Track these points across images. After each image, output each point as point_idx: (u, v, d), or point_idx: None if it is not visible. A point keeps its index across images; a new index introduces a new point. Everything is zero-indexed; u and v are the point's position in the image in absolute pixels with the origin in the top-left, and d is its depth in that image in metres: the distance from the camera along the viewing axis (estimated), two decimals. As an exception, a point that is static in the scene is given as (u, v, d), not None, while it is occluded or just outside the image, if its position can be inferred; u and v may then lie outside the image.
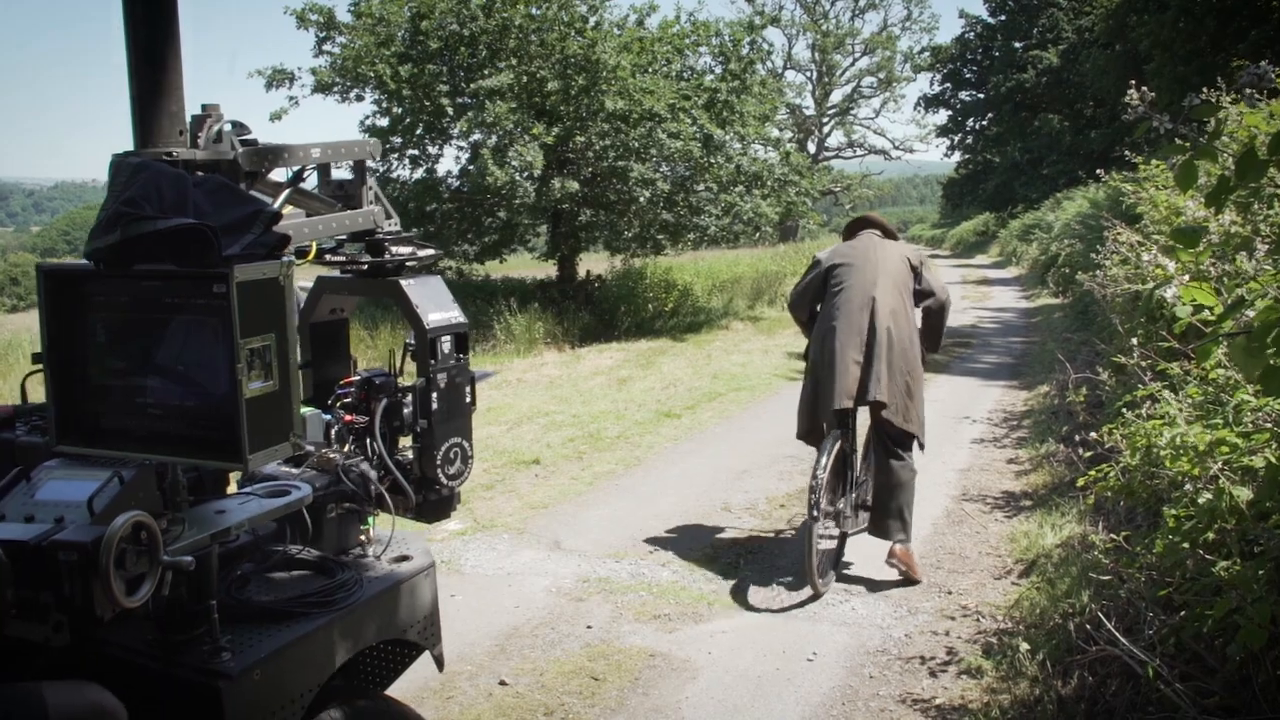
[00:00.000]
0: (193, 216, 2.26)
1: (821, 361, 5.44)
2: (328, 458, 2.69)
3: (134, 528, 1.98)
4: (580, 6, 17.04)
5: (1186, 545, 3.33)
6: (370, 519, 2.78)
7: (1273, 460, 3.10)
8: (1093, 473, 4.52)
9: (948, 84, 53.91)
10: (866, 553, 5.92)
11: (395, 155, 18.08)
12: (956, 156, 55.15)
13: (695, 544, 6.15)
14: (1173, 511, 3.52)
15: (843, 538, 5.67)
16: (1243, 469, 3.28)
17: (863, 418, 5.60)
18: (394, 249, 3.01)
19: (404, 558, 2.74)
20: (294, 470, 2.67)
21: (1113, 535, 4.35)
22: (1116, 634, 3.51)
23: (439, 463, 2.87)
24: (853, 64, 59.65)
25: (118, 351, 2.35)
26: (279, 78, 17.19)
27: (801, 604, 5.15)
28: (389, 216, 3.07)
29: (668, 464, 8.23)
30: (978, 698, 4.10)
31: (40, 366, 2.31)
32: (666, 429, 9.60)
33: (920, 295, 5.65)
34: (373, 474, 2.71)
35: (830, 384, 5.32)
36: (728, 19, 19.18)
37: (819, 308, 5.67)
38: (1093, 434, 4.71)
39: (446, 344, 2.94)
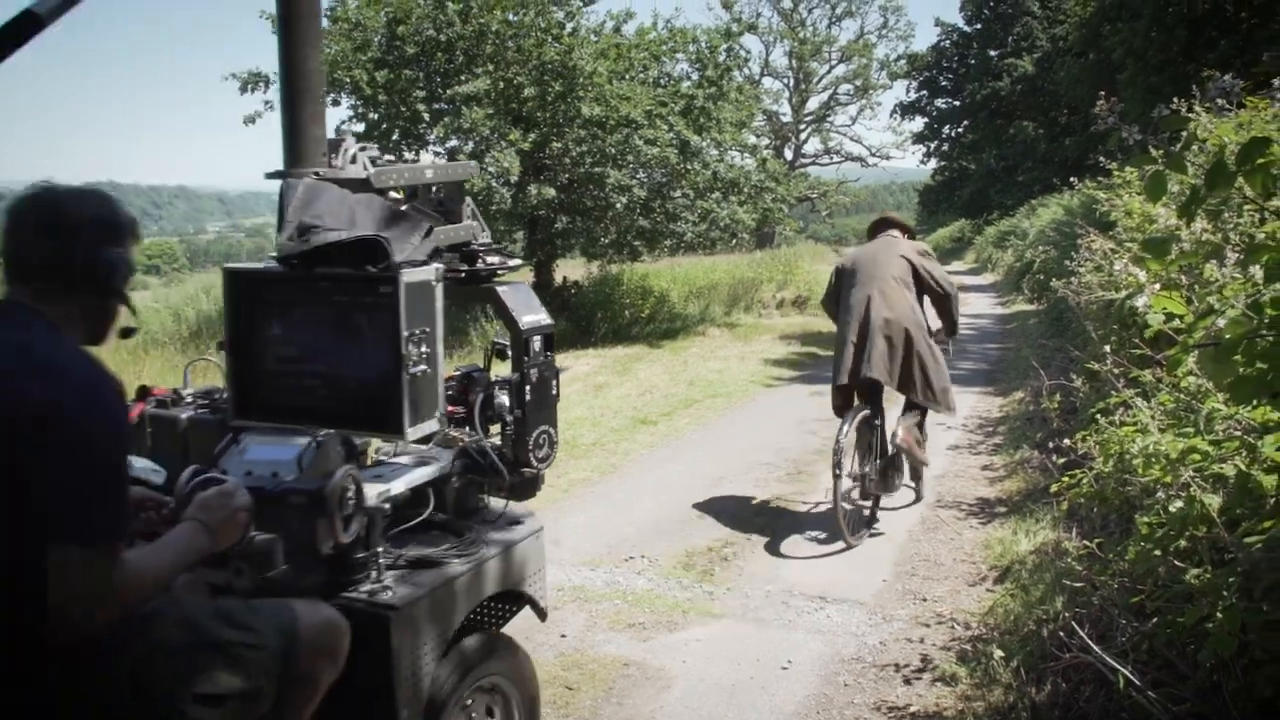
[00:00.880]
0: (355, 229, 2.90)
1: (835, 349, 6.40)
2: (453, 437, 3.18)
3: (349, 479, 2.58)
4: (557, 13, 17.01)
5: (1158, 553, 3.35)
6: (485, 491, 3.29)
7: (1242, 468, 3.12)
8: (1066, 479, 4.55)
9: (924, 91, 54.19)
10: (844, 560, 5.94)
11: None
12: (932, 163, 55.45)
13: (671, 551, 6.14)
14: (1145, 519, 3.54)
15: (875, 500, 6.48)
16: (1213, 477, 3.29)
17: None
18: (487, 258, 3.45)
19: (516, 522, 3.31)
20: (421, 447, 3.15)
21: (1086, 542, 4.37)
22: (1089, 641, 3.52)
23: (530, 447, 3.31)
24: (829, 71, 59.80)
25: (290, 340, 2.94)
26: (254, 81, 17.09)
27: (832, 554, 5.75)
28: (482, 229, 3.56)
29: (644, 471, 8.22)
30: (952, 705, 4.11)
31: (193, 358, 2.91)
32: (643, 436, 9.59)
33: (923, 287, 6.43)
34: (492, 453, 3.20)
35: (838, 367, 6.28)
36: (705, 26, 19.22)
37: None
38: (1066, 441, 4.73)
39: (537, 343, 3.38)
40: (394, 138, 17.27)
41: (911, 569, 5.80)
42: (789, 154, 56.68)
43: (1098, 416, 4.56)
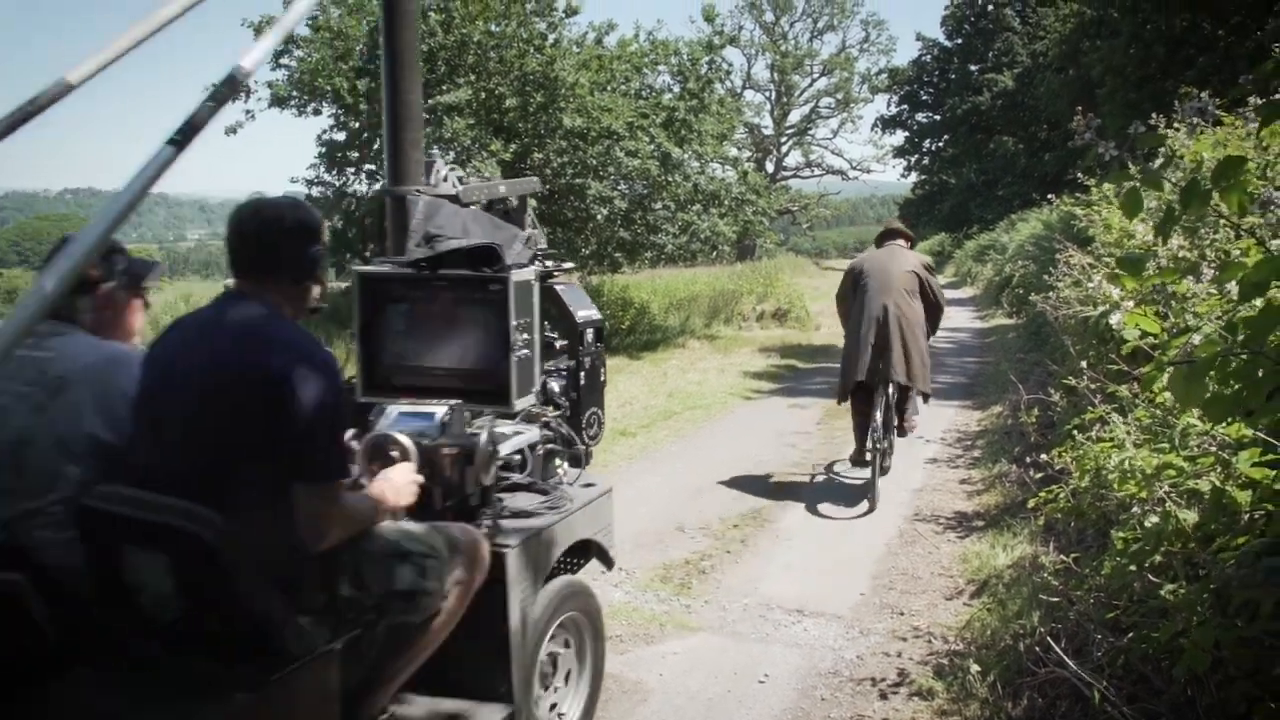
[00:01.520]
0: (469, 237, 3.68)
1: (850, 345, 7.50)
2: (537, 413, 3.73)
3: (491, 437, 3.30)
4: (539, 24, 17.03)
5: (1133, 568, 3.36)
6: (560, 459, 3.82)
7: (1217, 484, 3.13)
8: (1043, 494, 4.56)
9: (905, 105, 54.52)
10: (822, 573, 5.94)
11: (352, 170, 17.97)
12: (913, 177, 55.75)
13: (648, 564, 6.12)
14: (1120, 534, 3.55)
15: (885, 471, 7.63)
16: (1188, 492, 3.31)
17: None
18: (546, 261, 3.97)
19: (590, 484, 3.92)
20: (508, 422, 3.64)
21: (1063, 557, 4.38)
22: (1065, 656, 3.53)
23: (582, 426, 3.95)
24: (811, 85, 60.11)
25: (411, 330, 3.62)
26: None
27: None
28: (541, 235, 4.13)
29: (623, 483, 8.15)
30: (928, 720, 4.11)
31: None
32: (622, 448, 9.57)
33: (925, 297, 7.58)
34: (567, 428, 3.80)
35: (856, 362, 7.29)
36: (687, 38, 19.26)
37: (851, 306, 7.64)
38: (1043, 455, 4.74)
39: (589, 334, 3.99)
40: (375, 147, 17.23)
41: (889, 582, 5.80)
42: (770, 167, 56.86)
43: (1074, 432, 4.57)
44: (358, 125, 17.15)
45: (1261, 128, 2.09)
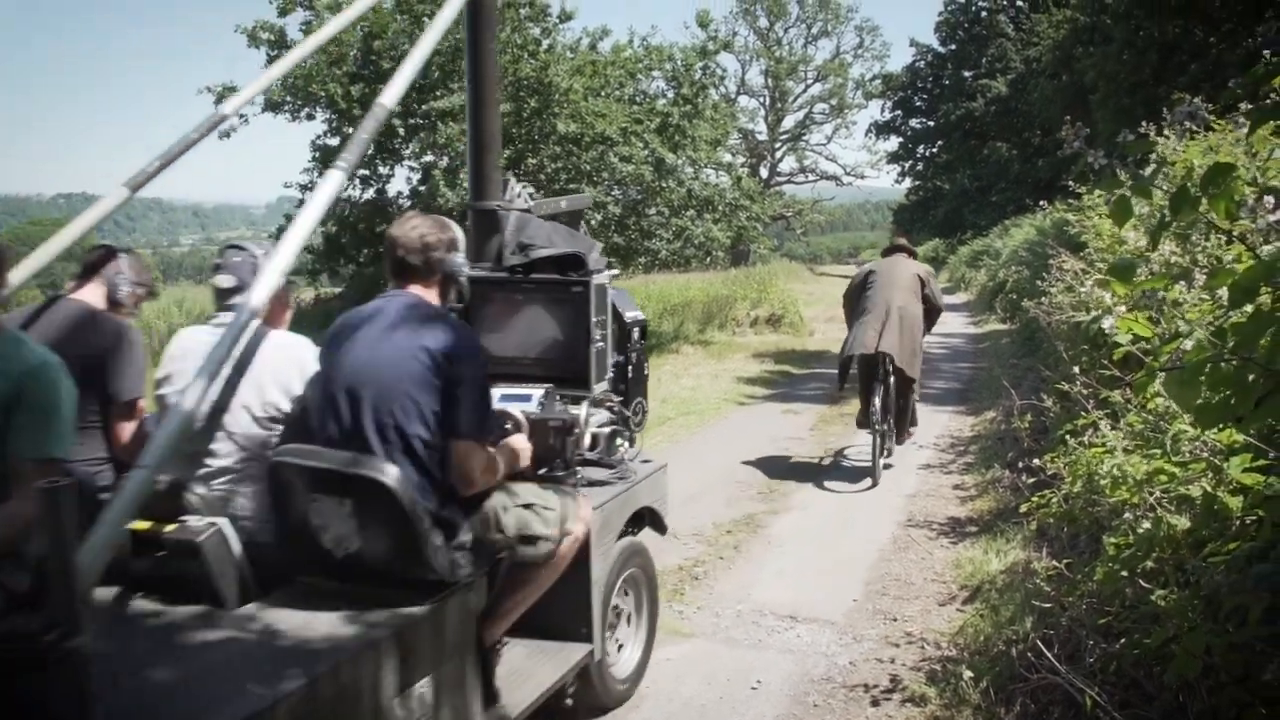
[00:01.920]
0: (554, 247, 4.42)
1: (853, 331, 8.38)
2: (602, 398, 4.38)
3: (584, 414, 4.11)
4: (533, 29, 17.06)
5: (1125, 574, 3.36)
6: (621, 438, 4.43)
7: (1208, 490, 3.14)
8: (1036, 499, 4.56)
9: (898, 111, 54.60)
10: (815, 579, 5.94)
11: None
12: (907, 183, 55.85)
13: (642, 570, 6.11)
14: (1112, 540, 3.55)
15: (887, 453, 8.51)
16: (1179, 498, 3.31)
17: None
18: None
19: (648, 461, 4.58)
20: (574, 406, 4.21)
21: (1055, 562, 4.38)
22: (1057, 663, 3.53)
23: (630, 413, 4.60)
24: (805, 90, 60.30)
25: (501, 326, 4.29)
26: (229, 94, 17.04)
27: (863, 490, 6.54)
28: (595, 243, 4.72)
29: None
30: (921, 726, 4.10)
31: None
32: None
33: (925, 300, 8.56)
34: (627, 412, 4.58)
35: (858, 340, 8.18)
36: (681, 44, 19.32)
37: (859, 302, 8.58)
38: (1036, 461, 4.75)
39: (636, 333, 4.63)
40: (369, 152, 17.25)
41: (882, 588, 5.80)
42: (764, 172, 56.96)
43: (1067, 437, 4.58)
44: (351, 130, 17.15)
45: (1251, 132, 2.09)
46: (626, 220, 17.63)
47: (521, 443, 3.68)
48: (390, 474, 3.08)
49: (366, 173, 17.98)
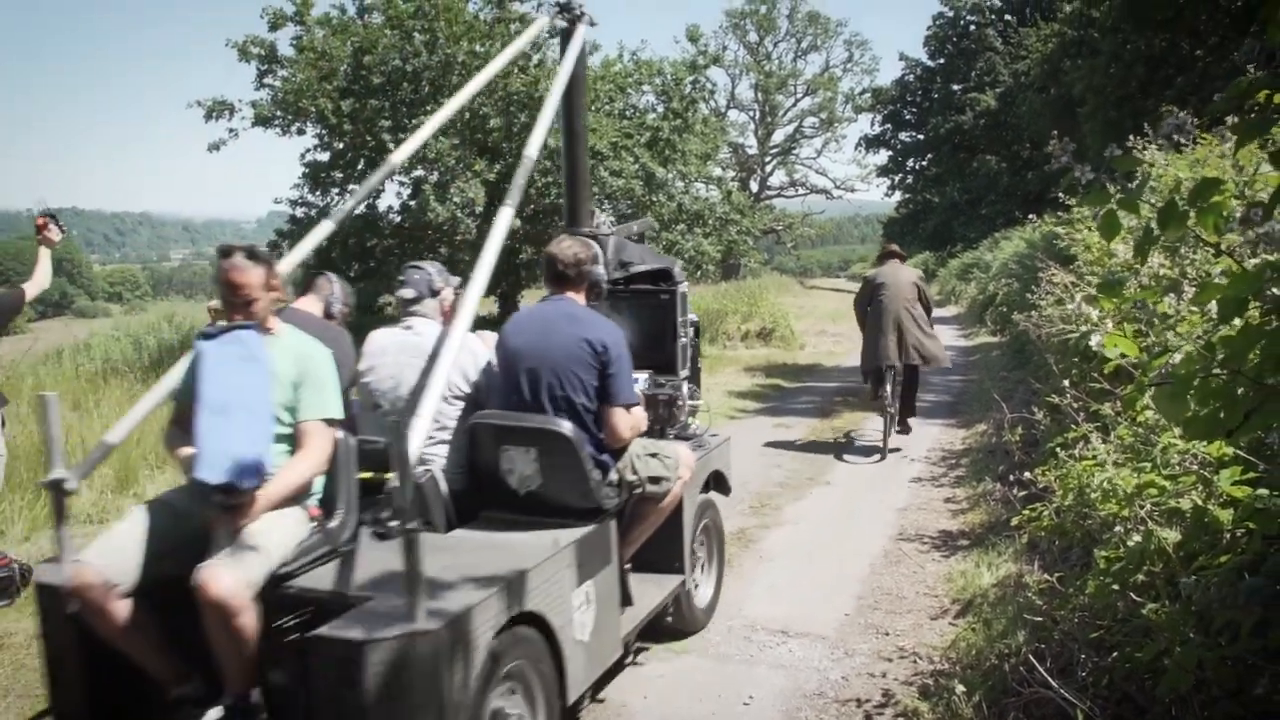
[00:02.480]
0: (646, 263, 5.52)
1: (872, 336, 9.92)
2: (681, 382, 5.47)
3: (683, 389, 5.40)
4: (524, 44, 17.08)
5: (1116, 587, 3.36)
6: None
7: (1199, 503, 3.14)
8: (1026, 512, 4.56)
9: (888, 125, 54.74)
10: (807, 594, 5.92)
11: (336, 190, 17.93)
12: (897, 196, 55.94)
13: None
14: (1103, 553, 3.55)
15: (898, 432, 10.17)
16: (1170, 511, 3.31)
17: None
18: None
19: (716, 434, 5.70)
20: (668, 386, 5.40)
21: (1046, 576, 4.38)
22: (1049, 677, 3.52)
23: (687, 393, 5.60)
24: (795, 104, 60.41)
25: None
26: (219, 109, 17.00)
27: (873, 464, 6.77)
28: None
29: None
30: (914, 741, 4.09)
31: None
32: (607, 467, 9.53)
33: (923, 302, 9.99)
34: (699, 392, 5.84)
35: (874, 350, 9.84)
36: (671, 58, 19.34)
37: (869, 307, 10.06)
38: (1027, 474, 4.75)
39: (693, 330, 5.72)
40: (359, 167, 17.22)
41: (874, 602, 5.79)
42: (754, 186, 57.06)
43: (1058, 450, 4.58)
44: (341, 146, 17.12)
45: (1238, 148, 2.09)
46: (617, 234, 17.65)
47: (643, 410, 4.76)
48: (567, 427, 4.23)
49: (356, 187, 17.95)
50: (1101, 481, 3.60)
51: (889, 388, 9.74)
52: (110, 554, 3.46)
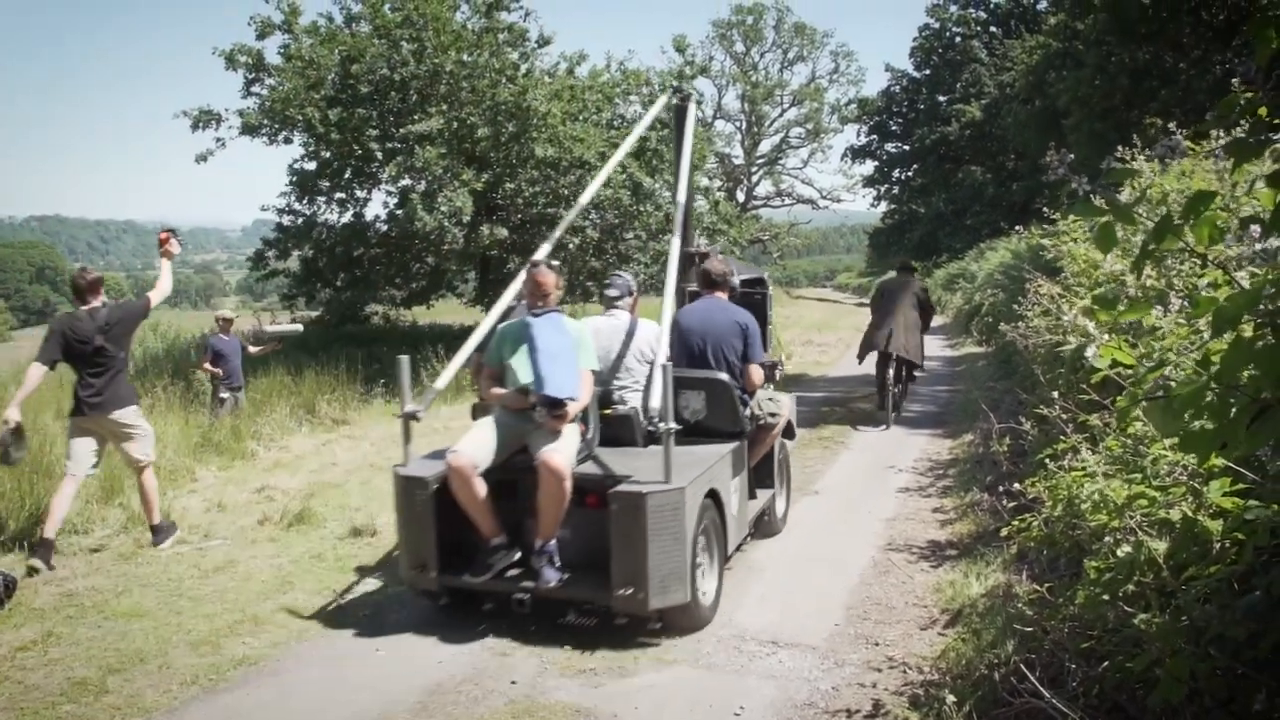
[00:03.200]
0: (744, 274, 7.95)
1: (874, 329, 12.55)
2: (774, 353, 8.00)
3: (778, 360, 7.73)
4: (512, 54, 17.09)
5: (1106, 597, 3.37)
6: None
7: (1188, 514, 3.15)
8: (1016, 523, 4.57)
9: (874, 135, 54.95)
10: (796, 604, 5.92)
11: (323, 199, 17.90)
12: (882, 206, 56.15)
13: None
14: (1093, 563, 3.56)
15: (897, 410, 12.60)
16: (1159, 522, 3.32)
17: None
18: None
19: (777, 413, 7.05)
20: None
21: (1036, 586, 4.39)
22: (1040, 686, 3.52)
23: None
24: (781, 115, 60.59)
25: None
26: (205, 118, 16.98)
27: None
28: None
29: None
30: (904, 751, 4.08)
31: None
32: (595, 477, 9.53)
33: (922, 306, 12.63)
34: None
35: (872, 339, 12.47)
36: (658, 68, 19.38)
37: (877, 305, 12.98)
38: (1016, 484, 4.76)
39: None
40: (346, 175, 17.20)
41: (863, 613, 5.79)
42: (741, 196, 57.15)
43: (1046, 461, 4.60)
44: (329, 155, 17.08)
45: (1235, 168, 2.10)
46: (605, 244, 17.64)
47: (758, 370, 6.76)
48: (725, 377, 6.48)
49: (343, 196, 17.93)
50: (1092, 492, 3.61)
51: (891, 372, 12.26)
52: (472, 447, 5.44)
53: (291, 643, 5.43)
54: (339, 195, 17.90)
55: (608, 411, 6.09)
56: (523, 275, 6.20)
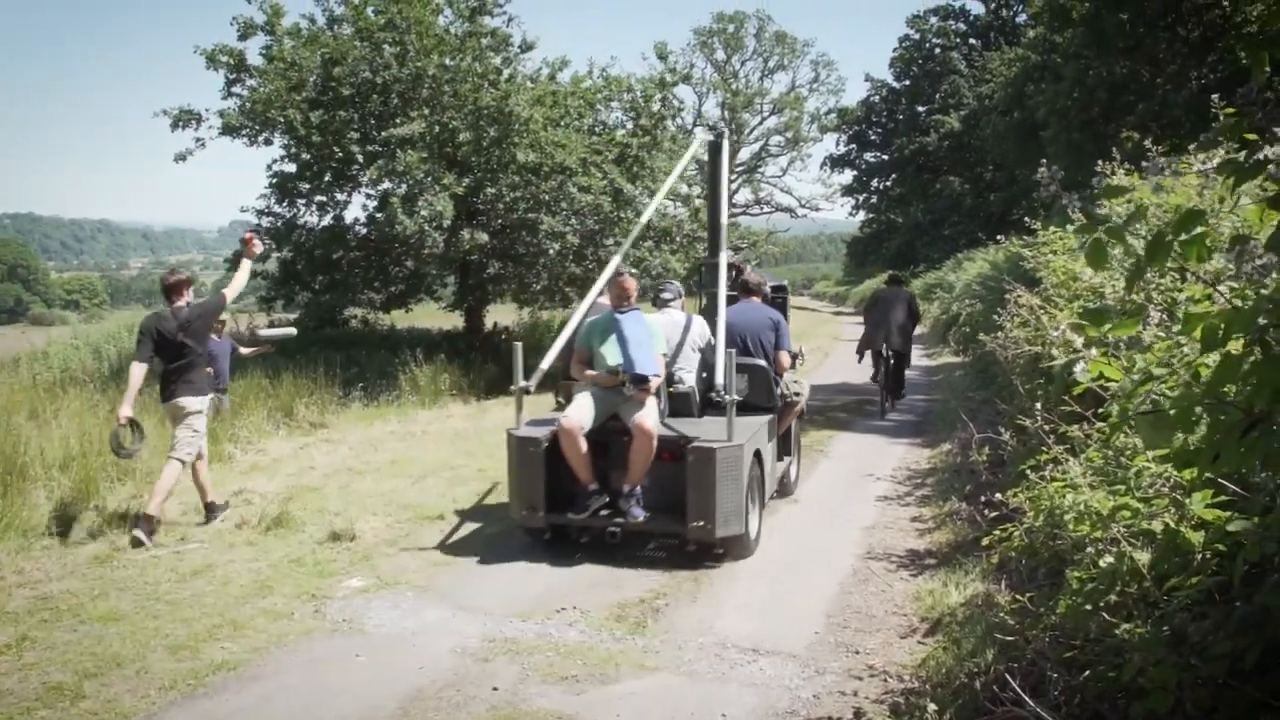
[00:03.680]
0: (757, 285, 9.10)
1: (871, 330, 14.33)
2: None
3: (798, 350, 9.33)
4: (494, 59, 17.09)
5: (1089, 607, 3.39)
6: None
7: (1170, 525, 3.18)
8: (998, 532, 4.60)
9: (853, 145, 55.18)
10: (777, 612, 5.94)
11: (303, 201, 17.81)
12: (861, 216, 56.32)
13: (602, 602, 6.09)
14: (1076, 574, 3.59)
15: (891, 400, 14.59)
16: (1142, 533, 3.35)
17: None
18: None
19: (800, 393, 8.77)
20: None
21: (1017, 596, 4.41)
22: (1022, 694, 3.55)
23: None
24: (761, 123, 60.82)
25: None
26: (185, 118, 16.88)
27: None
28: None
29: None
30: (885, 759, 4.10)
31: None
32: (574, 483, 9.54)
33: (910, 312, 14.46)
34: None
35: (870, 339, 14.23)
36: (639, 75, 19.41)
37: (872, 311, 14.83)
38: (998, 495, 4.79)
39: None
40: (326, 178, 17.12)
41: (843, 621, 5.81)
42: (720, 203, 57.15)
43: (1028, 472, 4.63)
44: (309, 157, 17.00)
45: (1234, 189, 2.12)
46: (585, 250, 17.63)
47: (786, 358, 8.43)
48: (762, 363, 8.02)
49: (323, 199, 17.85)
50: (1076, 503, 3.64)
51: (884, 369, 14.25)
52: (577, 413, 7.01)
53: (271, 648, 5.40)
54: (319, 198, 17.81)
55: (670, 389, 7.55)
56: (604, 279, 8.07)
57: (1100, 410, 4.72)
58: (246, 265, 8.55)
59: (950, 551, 6.86)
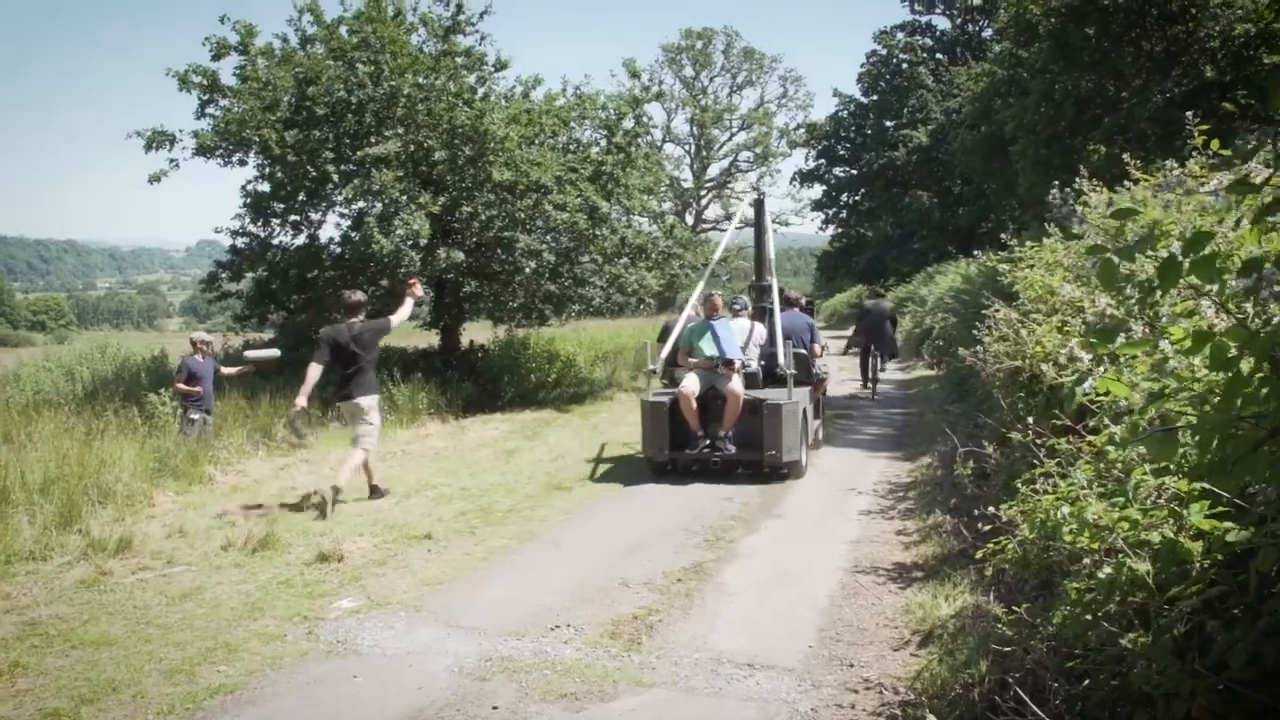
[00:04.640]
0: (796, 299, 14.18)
1: (859, 335, 19.12)
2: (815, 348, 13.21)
3: (822, 344, 14.02)
4: (469, 78, 17.11)
5: (1089, 617, 3.45)
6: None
7: (1169, 535, 3.25)
8: (991, 545, 4.66)
9: (822, 160, 55.39)
10: (770, 627, 5.98)
11: (278, 221, 17.74)
12: (831, 230, 56.55)
13: (596, 619, 6.12)
14: (1074, 584, 3.65)
15: (873, 389, 18.51)
16: (1140, 543, 3.42)
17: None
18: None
19: (827, 373, 13.89)
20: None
21: (1013, 607, 4.47)
22: (1026, 699, 3.60)
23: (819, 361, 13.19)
24: (730, 138, 61.09)
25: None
26: (159, 139, 16.77)
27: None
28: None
29: (562, 538, 8.19)
30: (886, 771, 4.14)
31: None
32: (558, 501, 9.57)
33: (892, 320, 19.06)
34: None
35: (860, 342, 18.97)
36: (609, 92, 19.48)
37: (861, 321, 19.52)
38: (990, 508, 4.85)
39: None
40: (300, 198, 17.06)
41: (835, 634, 5.85)
42: (690, 219, 57.43)
43: (1019, 485, 4.70)
44: (283, 176, 16.92)
45: (1237, 203, 2.18)
46: (560, 268, 17.65)
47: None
48: (803, 351, 11.81)
49: (298, 218, 17.78)
50: (1073, 514, 3.70)
51: (873, 366, 18.00)
52: (690, 385, 10.56)
53: (266, 670, 5.39)
54: (293, 217, 17.73)
55: (744, 370, 10.94)
56: (695, 296, 12.31)
57: (1088, 424, 4.81)
58: (410, 301, 10.20)
59: (937, 564, 6.92)
